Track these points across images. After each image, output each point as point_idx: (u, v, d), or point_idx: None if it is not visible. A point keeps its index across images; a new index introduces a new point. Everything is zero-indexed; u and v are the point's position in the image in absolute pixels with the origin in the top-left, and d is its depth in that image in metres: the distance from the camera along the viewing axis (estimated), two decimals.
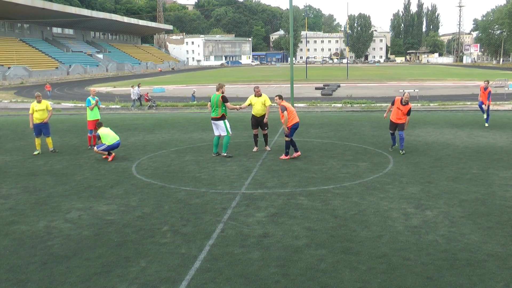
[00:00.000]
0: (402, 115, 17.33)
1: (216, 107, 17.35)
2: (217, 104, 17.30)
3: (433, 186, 13.13)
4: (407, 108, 17.22)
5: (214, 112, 17.46)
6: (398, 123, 17.51)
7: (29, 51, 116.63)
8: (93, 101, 19.98)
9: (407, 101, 17.20)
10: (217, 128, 17.65)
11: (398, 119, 17.46)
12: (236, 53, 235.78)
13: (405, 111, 17.25)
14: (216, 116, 17.46)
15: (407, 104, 17.22)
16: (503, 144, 19.00)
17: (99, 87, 71.06)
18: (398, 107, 17.33)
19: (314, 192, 12.82)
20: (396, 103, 17.45)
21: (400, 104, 17.26)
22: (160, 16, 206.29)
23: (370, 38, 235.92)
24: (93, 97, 20.16)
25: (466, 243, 9.09)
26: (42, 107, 18.86)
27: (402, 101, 17.22)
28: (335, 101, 40.95)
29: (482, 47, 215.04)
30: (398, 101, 17.35)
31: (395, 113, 17.50)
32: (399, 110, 17.32)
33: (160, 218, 10.89)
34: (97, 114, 20.11)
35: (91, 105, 19.88)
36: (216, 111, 17.43)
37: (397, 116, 17.45)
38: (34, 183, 14.45)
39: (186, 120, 29.43)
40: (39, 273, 8.16)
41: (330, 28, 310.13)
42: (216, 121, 17.50)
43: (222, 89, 17.46)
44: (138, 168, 16.21)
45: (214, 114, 17.49)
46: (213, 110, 17.45)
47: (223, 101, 17.25)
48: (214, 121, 17.55)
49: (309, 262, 8.38)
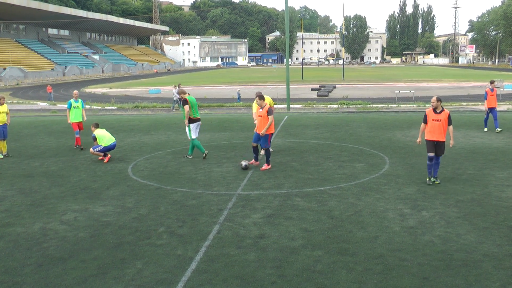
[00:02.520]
0: (442, 127, 13.35)
1: (197, 108, 17.74)
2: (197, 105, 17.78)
3: (429, 187, 13.14)
4: (446, 114, 13.34)
5: (197, 113, 17.67)
6: (440, 141, 13.44)
7: (25, 52, 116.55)
8: (75, 104, 20.52)
9: (435, 105, 13.44)
10: (198, 130, 17.85)
11: (440, 135, 13.39)
12: (232, 54, 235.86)
13: (445, 120, 13.31)
14: (199, 117, 17.82)
15: (443, 110, 13.41)
16: (499, 145, 19.04)
17: (95, 89, 71.07)
18: (433, 119, 13.36)
19: (310, 193, 12.82)
20: (428, 116, 13.50)
21: (434, 113, 13.41)
22: (156, 17, 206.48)
23: (366, 39, 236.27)
24: (75, 99, 20.69)
25: (462, 243, 9.10)
26: (4, 109, 18.87)
27: (434, 108, 13.46)
28: (331, 102, 41.00)
29: (477, 48, 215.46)
30: (431, 112, 13.47)
31: (433, 129, 13.39)
32: (436, 121, 13.34)
33: (156, 220, 10.88)
34: (79, 116, 20.57)
35: (70, 108, 20.51)
36: (198, 112, 17.84)
37: (438, 131, 13.38)
38: (30, 184, 14.42)
39: (182, 121, 29.35)
40: (34, 275, 8.14)
41: (326, 29, 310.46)
42: (199, 122, 17.73)
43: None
44: (134, 169, 16.19)
45: (198, 115, 17.73)
46: (196, 112, 17.63)
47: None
48: (198, 122, 17.65)
49: (305, 263, 8.38)
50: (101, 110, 39.95)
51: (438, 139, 13.40)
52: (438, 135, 13.37)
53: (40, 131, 25.86)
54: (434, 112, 13.43)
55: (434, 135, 13.40)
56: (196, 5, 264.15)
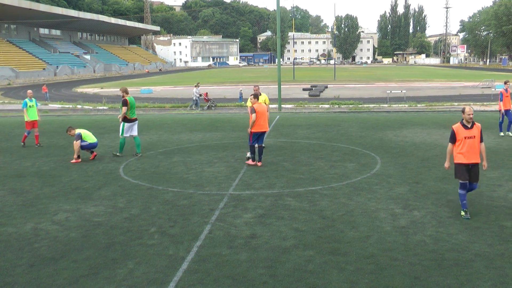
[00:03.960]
0: (476, 145, 10.68)
1: (135, 110, 18.52)
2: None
3: (421, 187, 13.18)
4: (478, 128, 10.76)
5: (134, 114, 18.36)
6: (474, 163, 10.73)
7: (16, 52, 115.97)
8: (30, 103, 20.82)
9: (472, 118, 10.65)
10: (133, 129, 18.46)
11: (474, 155, 10.66)
12: (224, 54, 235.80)
13: (478, 136, 10.69)
14: (136, 118, 18.62)
15: (475, 124, 10.76)
16: (490, 145, 19.09)
17: (86, 88, 70.91)
18: (466, 136, 10.62)
19: (301, 193, 12.83)
20: (458, 133, 10.69)
21: (465, 129, 10.66)
22: (148, 17, 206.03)
23: (357, 39, 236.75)
24: (30, 99, 21.01)
25: (454, 243, 9.13)
26: None
27: (464, 122, 10.73)
28: (323, 102, 41.03)
29: (469, 48, 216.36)
30: (461, 129, 10.70)
31: (466, 148, 10.64)
32: (470, 139, 10.61)
33: (147, 220, 10.86)
34: (34, 114, 20.98)
35: (26, 107, 20.83)
36: (135, 113, 18.66)
37: (472, 151, 10.63)
38: (21, 184, 14.37)
39: (173, 121, 29.36)
40: (26, 275, 8.11)
41: (318, 29, 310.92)
42: (135, 122, 18.49)
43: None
44: (125, 169, 16.16)
45: (134, 116, 18.41)
46: (133, 113, 18.34)
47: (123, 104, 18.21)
48: (133, 122, 18.34)
49: (297, 263, 8.38)
50: (93, 110, 39.83)
51: (473, 161, 10.67)
52: (473, 156, 10.64)
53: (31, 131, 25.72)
54: (465, 127, 10.66)
55: (468, 157, 10.62)
56: (188, 5, 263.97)
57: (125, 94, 18.04)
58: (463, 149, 10.60)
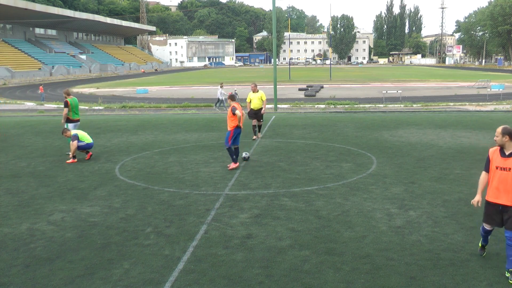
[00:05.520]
0: (510, 181, 7.87)
1: (77, 110, 19.14)
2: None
3: (417, 187, 13.19)
4: None
5: (77, 115, 19.10)
6: (508, 206, 7.90)
7: (12, 52, 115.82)
8: None
9: (503, 141, 8.08)
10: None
11: (506, 194, 7.90)
12: (220, 54, 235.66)
13: None
14: (79, 118, 19.40)
15: None
16: (486, 145, 19.10)
17: (82, 88, 70.75)
18: (499, 166, 8.05)
19: (297, 193, 12.83)
20: (493, 160, 8.23)
21: (500, 156, 8.09)
22: (143, 17, 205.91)
23: (353, 39, 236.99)
24: None
25: (450, 243, 9.14)
26: None
27: (501, 149, 8.16)
28: (319, 102, 41.05)
29: (464, 49, 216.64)
30: (497, 154, 8.20)
31: (496, 181, 8.08)
32: (504, 171, 7.96)
33: (143, 220, 10.85)
34: None
35: None
36: (78, 114, 19.38)
37: (504, 189, 7.92)
38: (17, 185, 14.34)
39: (169, 121, 29.32)
40: (21, 276, 8.10)
41: (313, 29, 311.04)
42: (77, 122, 19.26)
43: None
44: (121, 169, 16.14)
45: (77, 117, 19.24)
46: (77, 113, 19.06)
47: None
48: (76, 122, 19.08)
49: (292, 263, 8.39)
50: (88, 110, 39.79)
51: (504, 203, 7.93)
52: (505, 195, 7.92)
53: (27, 131, 25.71)
54: (502, 155, 8.10)
55: (499, 195, 8.00)
56: (183, 5, 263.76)
57: (66, 96, 18.73)
58: (492, 183, 8.12)
